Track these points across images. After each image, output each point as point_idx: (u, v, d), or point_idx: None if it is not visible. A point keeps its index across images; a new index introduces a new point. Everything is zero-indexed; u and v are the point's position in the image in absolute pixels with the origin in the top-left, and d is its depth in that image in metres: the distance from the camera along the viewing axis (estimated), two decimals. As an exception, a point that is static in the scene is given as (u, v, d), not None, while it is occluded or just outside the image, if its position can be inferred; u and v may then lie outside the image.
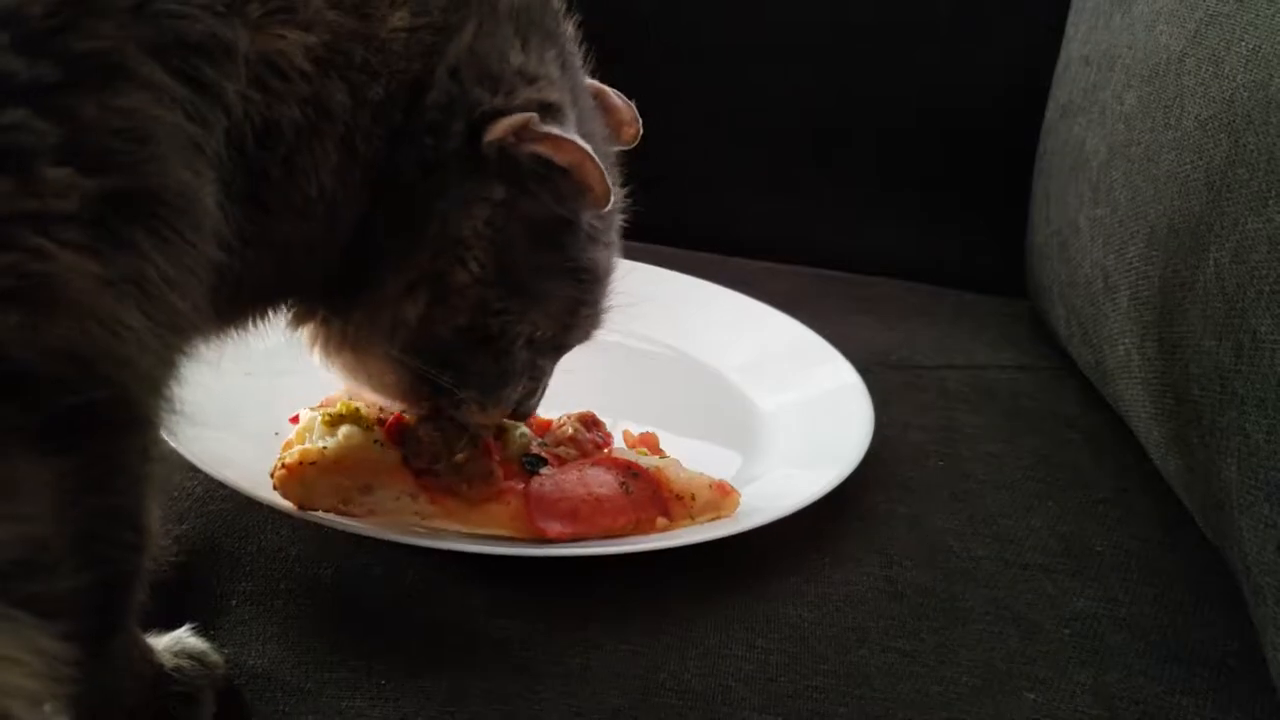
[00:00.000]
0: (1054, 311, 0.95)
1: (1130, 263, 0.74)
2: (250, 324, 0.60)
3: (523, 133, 0.57)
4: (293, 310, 0.62)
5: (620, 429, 0.78)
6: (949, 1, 1.17)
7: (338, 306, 0.62)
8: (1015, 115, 1.10)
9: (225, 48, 0.46)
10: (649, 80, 1.22)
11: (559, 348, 0.68)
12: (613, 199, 0.60)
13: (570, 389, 0.84)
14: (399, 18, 0.54)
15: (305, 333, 0.64)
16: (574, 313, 0.66)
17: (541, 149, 0.57)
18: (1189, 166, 0.66)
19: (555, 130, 0.57)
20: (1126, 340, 0.76)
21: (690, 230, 1.19)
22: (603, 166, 0.58)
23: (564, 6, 0.65)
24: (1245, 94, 0.62)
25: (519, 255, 0.60)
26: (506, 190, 0.59)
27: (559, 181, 0.59)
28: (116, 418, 0.44)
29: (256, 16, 0.48)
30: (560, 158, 0.58)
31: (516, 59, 0.58)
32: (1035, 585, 0.69)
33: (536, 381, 0.68)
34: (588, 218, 0.63)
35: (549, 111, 0.58)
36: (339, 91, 0.51)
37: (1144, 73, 0.76)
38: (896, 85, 1.20)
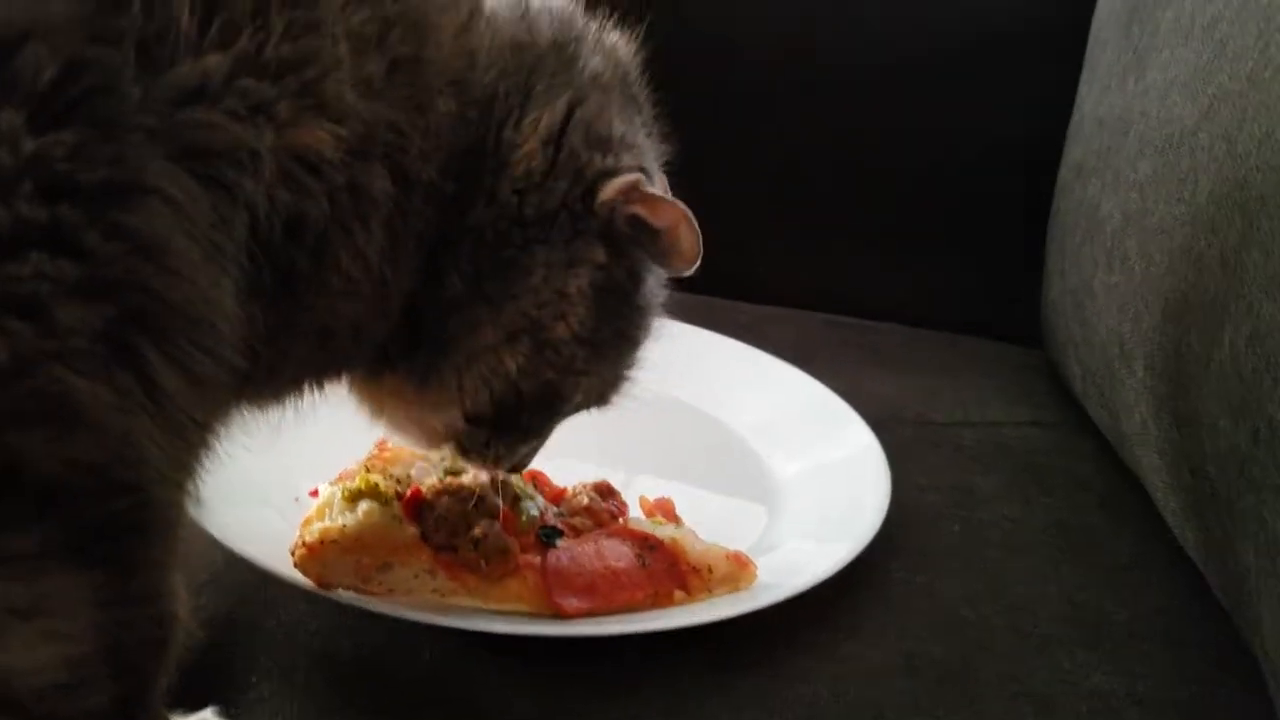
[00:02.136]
0: (1070, 368, 0.95)
1: (1145, 333, 0.74)
2: (303, 397, 0.61)
3: (630, 193, 0.59)
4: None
5: (635, 491, 0.78)
6: (963, 49, 1.17)
7: (394, 366, 0.62)
8: (1032, 166, 1.10)
9: (250, 152, 0.46)
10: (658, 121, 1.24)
11: (580, 410, 0.69)
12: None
13: (587, 445, 0.85)
14: (444, 103, 0.55)
15: (349, 388, 0.65)
16: (620, 379, 0.67)
17: (641, 210, 0.59)
18: (1203, 243, 0.66)
19: (656, 191, 0.60)
20: (1142, 408, 0.76)
21: (699, 274, 1.19)
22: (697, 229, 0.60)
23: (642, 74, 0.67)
24: (1259, 176, 0.62)
25: (607, 319, 0.62)
26: (607, 254, 0.60)
27: (648, 244, 0.61)
28: (139, 524, 0.45)
29: (286, 116, 0.48)
30: (657, 220, 0.59)
31: (619, 126, 0.61)
32: (1051, 659, 0.69)
33: (542, 440, 0.69)
34: (654, 283, 0.65)
35: (646, 176, 0.61)
36: (379, 177, 0.52)
37: (1157, 142, 0.76)
38: (911, 129, 1.20)
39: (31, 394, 0.40)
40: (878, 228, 1.22)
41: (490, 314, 0.59)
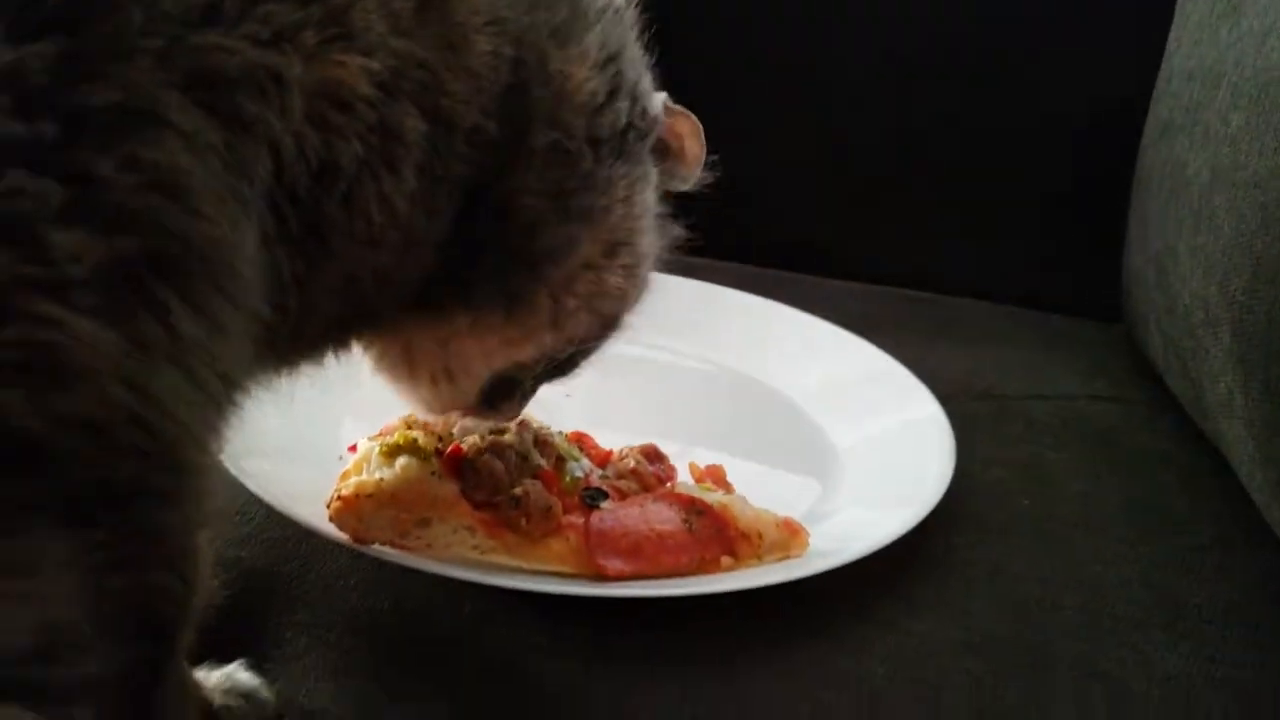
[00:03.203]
0: (1150, 340, 0.90)
1: (1234, 296, 0.69)
2: (325, 357, 0.58)
3: (669, 110, 0.63)
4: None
5: (687, 458, 0.75)
6: (1043, 12, 1.12)
7: (467, 301, 0.60)
8: (1113, 130, 1.05)
9: (273, 77, 0.43)
10: (727, 92, 1.21)
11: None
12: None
13: (640, 414, 0.83)
14: (484, 43, 0.52)
15: (365, 348, 0.63)
16: None
17: (675, 124, 0.63)
18: (1301, 197, 0.62)
19: (678, 108, 0.64)
20: (1228, 378, 0.71)
21: (765, 247, 1.17)
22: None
23: None
24: (1366, 121, 0.57)
25: (657, 236, 0.64)
26: (653, 171, 0.63)
27: (659, 159, 0.63)
28: (159, 488, 0.41)
29: (312, 44, 0.44)
30: (671, 135, 0.63)
31: (640, 50, 0.62)
32: (1125, 641, 0.65)
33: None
34: None
35: None
36: (410, 117, 0.49)
37: (1252, 92, 0.71)
38: (986, 98, 1.16)
39: (14, 341, 0.36)
40: (951, 200, 1.19)
41: (589, 231, 0.59)
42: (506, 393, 0.65)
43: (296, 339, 0.52)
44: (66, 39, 0.38)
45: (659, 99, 0.62)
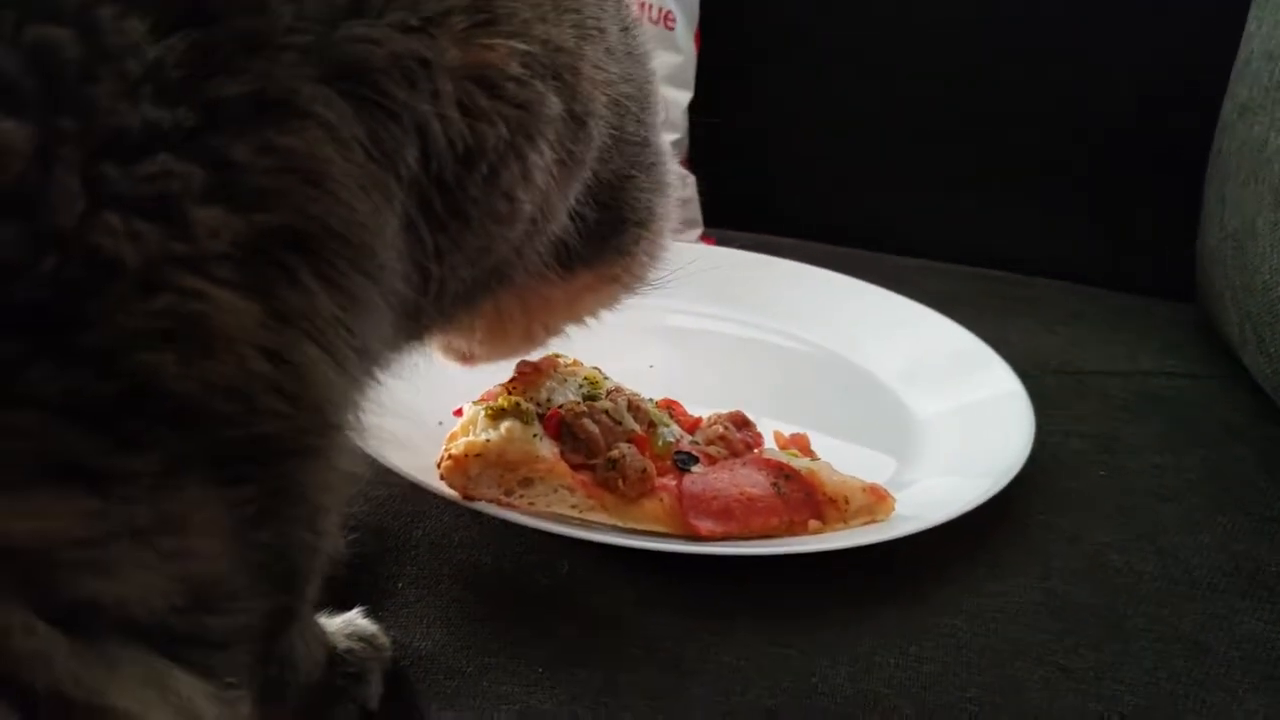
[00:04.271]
0: (1226, 317, 0.91)
1: (1316, 272, 0.70)
2: (457, 322, 0.63)
3: None
4: None
5: (770, 429, 0.78)
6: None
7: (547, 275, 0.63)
8: (1188, 112, 1.05)
9: (421, 62, 0.44)
10: (803, 75, 1.23)
11: None
12: None
13: (722, 387, 0.85)
14: (619, 39, 0.57)
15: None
16: None
17: None
18: (1386, 172, 0.63)
19: None
20: (1309, 353, 0.72)
21: (845, 227, 1.19)
22: None
23: None
24: None
25: None
26: None
27: None
28: (289, 450, 0.42)
29: (460, 29, 0.45)
30: None
31: None
32: (1203, 605, 0.66)
33: None
34: None
35: None
36: (550, 93, 0.50)
37: (1336, 72, 0.72)
38: (1061, 79, 1.17)
39: (165, 312, 0.38)
40: (1027, 181, 1.20)
41: (663, 199, 0.68)
42: None
43: (438, 308, 0.53)
44: (199, 33, 0.39)
45: None
